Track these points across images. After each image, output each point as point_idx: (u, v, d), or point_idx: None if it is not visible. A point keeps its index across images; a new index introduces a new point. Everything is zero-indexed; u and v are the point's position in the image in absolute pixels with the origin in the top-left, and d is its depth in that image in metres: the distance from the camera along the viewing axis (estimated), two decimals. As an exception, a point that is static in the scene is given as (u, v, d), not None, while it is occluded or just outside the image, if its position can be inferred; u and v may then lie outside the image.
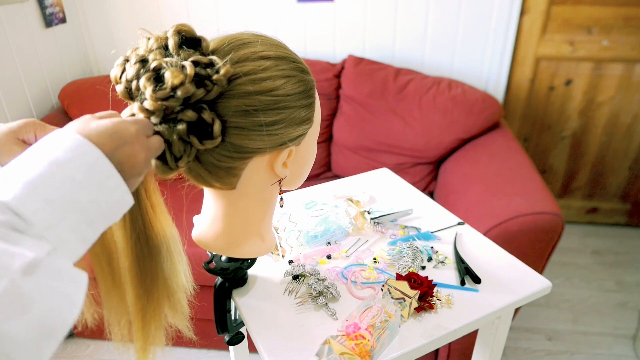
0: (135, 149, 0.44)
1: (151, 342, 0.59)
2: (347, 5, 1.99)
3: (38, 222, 0.35)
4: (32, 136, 0.51)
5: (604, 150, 2.21)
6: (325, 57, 2.10)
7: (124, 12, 2.08)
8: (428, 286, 0.73)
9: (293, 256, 0.85)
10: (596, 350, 1.72)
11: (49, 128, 0.52)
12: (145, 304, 0.57)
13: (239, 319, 0.79)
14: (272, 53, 0.56)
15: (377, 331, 0.63)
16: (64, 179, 0.38)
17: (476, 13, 1.94)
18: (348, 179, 1.13)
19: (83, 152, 0.40)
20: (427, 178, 1.87)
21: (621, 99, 2.08)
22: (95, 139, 0.41)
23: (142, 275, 0.56)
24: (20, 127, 0.51)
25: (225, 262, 0.73)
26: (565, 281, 2.06)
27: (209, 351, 1.73)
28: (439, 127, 1.79)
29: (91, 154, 0.40)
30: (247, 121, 0.53)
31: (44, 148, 0.39)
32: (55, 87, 1.98)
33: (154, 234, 0.57)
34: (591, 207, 2.38)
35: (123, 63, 0.51)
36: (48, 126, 0.52)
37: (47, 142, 0.40)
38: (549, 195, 1.33)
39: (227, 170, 0.57)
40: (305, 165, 0.67)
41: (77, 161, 0.39)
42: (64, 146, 0.39)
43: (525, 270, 0.80)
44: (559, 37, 1.99)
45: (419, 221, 0.95)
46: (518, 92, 2.13)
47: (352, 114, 1.90)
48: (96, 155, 0.40)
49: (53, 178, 0.37)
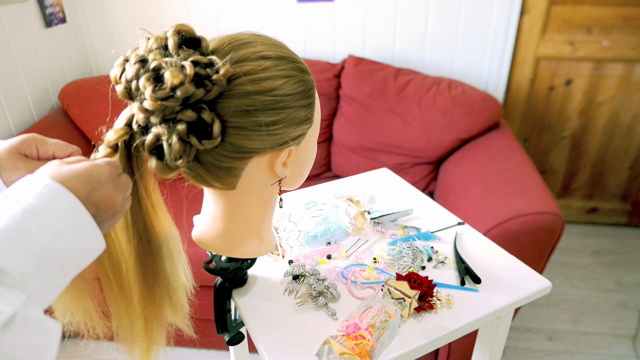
0: (110, 190, 0.44)
1: (154, 341, 0.59)
2: (347, 5, 1.99)
3: (15, 272, 0.35)
4: (34, 150, 0.51)
5: (604, 150, 2.21)
6: (325, 57, 2.10)
7: (124, 12, 2.08)
8: (428, 286, 0.73)
9: (293, 256, 0.85)
10: (596, 350, 1.72)
11: (49, 142, 0.52)
12: (148, 304, 0.57)
13: (239, 319, 0.79)
14: (272, 53, 0.56)
15: (377, 331, 0.63)
16: (39, 228, 0.38)
17: (476, 13, 1.94)
18: (348, 179, 1.13)
19: (58, 198, 0.40)
20: (427, 178, 1.87)
21: (621, 99, 2.08)
22: (70, 183, 0.41)
23: (144, 275, 0.56)
24: (21, 142, 0.51)
25: (225, 262, 0.73)
26: (565, 281, 2.06)
27: (209, 351, 1.73)
28: (439, 127, 1.79)
29: (66, 200, 0.40)
30: (246, 121, 0.53)
31: (18, 195, 0.39)
32: (55, 87, 1.98)
33: (154, 234, 0.57)
34: (591, 207, 2.38)
35: (123, 63, 0.51)
36: (49, 140, 0.52)
37: (21, 189, 0.39)
38: (549, 195, 1.33)
39: (227, 170, 0.57)
40: (305, 165, 0.67)
41: (53, 208, 0.39)
42: (38, 192, 0.39)
43: (525, 270, 0.80)
44: (559, 37, 1.99)
45: (419, 221, 0.95)
46: (518, 92, 2.13)
47: (352, 114, 1.90)
48: (71, 201, 0.40)
49: (29, 227, 0.37)
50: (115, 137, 0.49)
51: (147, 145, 0.49)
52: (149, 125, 0.49)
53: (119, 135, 0.49)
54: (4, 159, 0.49)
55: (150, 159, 0.50)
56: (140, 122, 0.49)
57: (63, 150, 0.53)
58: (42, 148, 0.52)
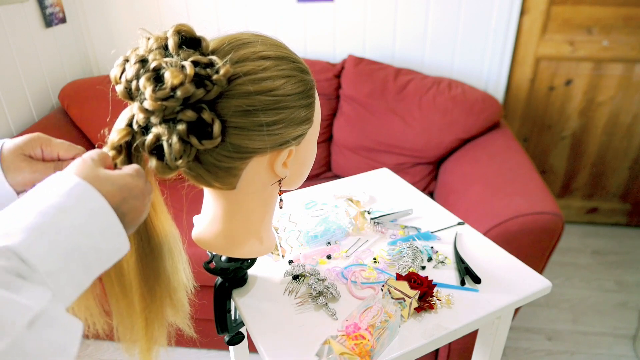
0: (139, 204, 0.45)
1: (154, 341, 0.59)
2: (347, 5, 1.99)
3: (42, 269, 0.35)
4: (39, 151, 0.51)
5: (604, 150, 2.21)
6: (325, 57, 2.10)
7: (124, 12, 2.08)
8: (428, 286, 0.73)
9: (293, 256, 0.85)
10: (596, 350, 1.72)
11: (54, 142, 0.52)
12: (149, 303, 0.57)
13: (239, 319, 0.79)
14: (272, 53, 0.56)
15: (377, 331, 0.63)
16: (69, 226, 0.38)
17: (476, 13, 1.94)
18: (348, 179, 1.13)
19: (88, 198, 0.40)
20: (427, 178, 1.87)
21: (621, 99, 2.08)
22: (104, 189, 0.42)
23: (145, 275, 0.56)
24: (25, 142, 0.51)
25: (225, 262, 0.73)
26: (565, 281, 2.06)
27: (209, 351, 1.73)
28: (439, 127, 1.79)
29: (95, 201, 0.40)
30: (247, 121, 0.53)
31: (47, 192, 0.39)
32: (55, 87, 1.98)
33: (155, 233, 0.57)
34: (591, 207, 2.38)
35: (123, 63, 0.51)
36: (54, 140, 0.52)
37: (50, 186, 0.40)
38: (549, 195, 1.33)
39: (227, 170, 0.57)
40: (305, 165, 0.67)
41: (81, 207, 0.39)
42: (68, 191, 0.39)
43: (525, 270, 0.80)
44: (559, 37, 1.99)
45: (419, 221, 0.95)
46: (518, 92, 2.13)
47: (352, 114, 1.90)
48: (100, 203, 0.41)
49: (58, 224, 0.37)
50: (119, 138, 0.49)
51: (147, 145, 0.49)
52: (149, 125, 0.49)
53: (122, 136, 0.49)
54: (8, 159, 0.49)
55: (150, 159, 0.50)
56: (140, 122, 0.49)
57: (68, 151, 0.52)
58: (47, 149, 0.51)
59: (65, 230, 0.38)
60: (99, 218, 0.40)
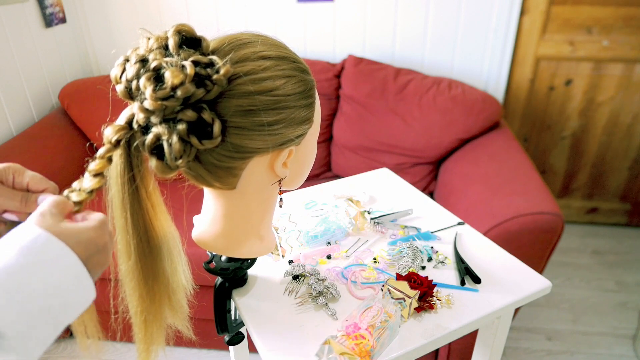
0: (104, 258, 0.45)
1: (153, 342, 0.59)
2: (347, 5, 1.99)
3: (11, 334, 0.35)
4: (10, 178, 0.50)
5: (604, 150, 2.21)
6: (325, 57, 2.10)
7: (124, 12, 2.08)
8: (428, 286, 0.73)
9: (293, 256, 0.85)
10: (596, 350, 1.72)
11: (27, 173, 0.50)
12: (148, 305, 0.57)
13: (239, 319, 0.79)
14: (272, 53, 0.56)
15: (377, 331, 0.63)
16: (39, 286, 0.37)
17: (476, 13, 1.94)
18: (348, 179, 1.13)
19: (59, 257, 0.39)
20: (427, 178, 1.87)
21: (621, 99, 2.08)
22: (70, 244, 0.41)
23: (144, 276, 0.56)
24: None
25: (225, 262, 0.73)
26: (565, 281, 2.06)
27: (209, 351, 1.73)
28: (438, 127, 1.79)
29: (66, 258, 0.40)
30: (247, 121, 0.53)
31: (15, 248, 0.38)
32: (55, 87, 1.98)
33: (154, 234, 0.57)
34: (591, 207, 2.38)
35: (123, 63, 0.51)
36: (27, 171, 0.51)
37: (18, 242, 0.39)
38: (549, 195, 1.33)
39: (227, 170, 0.57)
40: (305, 165, 0.67)
41: (53, 264, 0.39)
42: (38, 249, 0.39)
43: (525, 270, 0.80)
44: (559, 37, 1.99)
45: (419, 221, 0.95)
46: (518, 92, 2.13)
47: (352, 114, 1.90)
48: (71, 259, 0.40)
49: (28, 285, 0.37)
50: (114, 134, 0.49)
51: (147, 145, 0.49)
52: (149, 125, 0.49)
53: (117, 131, 0.49)
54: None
55: (150, 159, 0.50)
56: (140, 122, 0.49)
57: (38, 184, 0.50)
58: (18, 178, 0.50)
59: (35, 291, 0.37)
60: (69, 275, 0.40)
